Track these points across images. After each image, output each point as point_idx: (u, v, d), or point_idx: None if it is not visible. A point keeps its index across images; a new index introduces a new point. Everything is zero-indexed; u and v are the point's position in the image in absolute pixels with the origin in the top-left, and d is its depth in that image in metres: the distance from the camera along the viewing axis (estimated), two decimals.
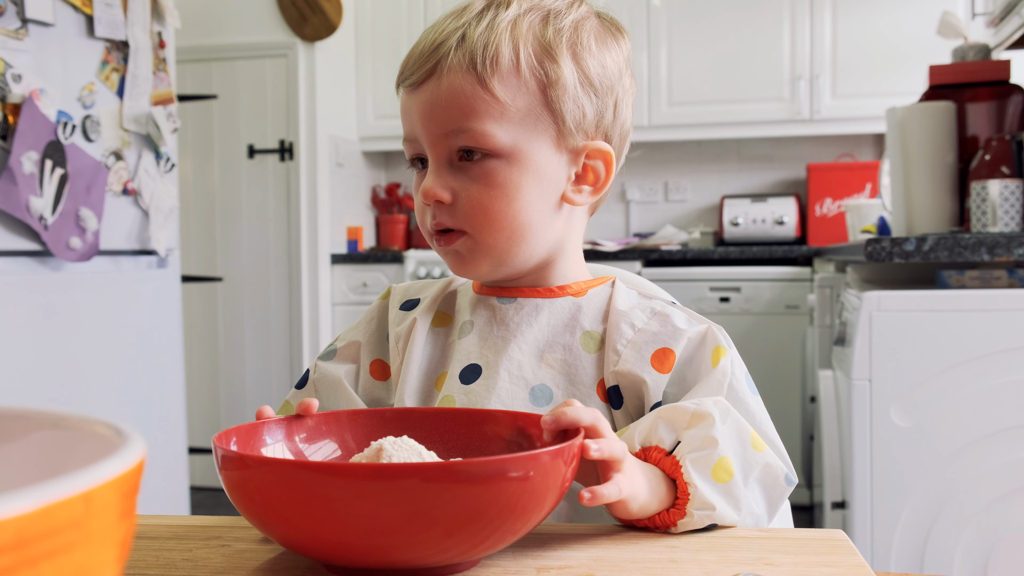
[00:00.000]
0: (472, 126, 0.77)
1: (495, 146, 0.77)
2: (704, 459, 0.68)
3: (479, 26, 0.78)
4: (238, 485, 0.55)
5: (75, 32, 2.34)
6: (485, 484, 0.52)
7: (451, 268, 0.83)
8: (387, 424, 0.70)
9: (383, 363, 0.88)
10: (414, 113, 0.79)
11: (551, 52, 0.79)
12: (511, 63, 0.77)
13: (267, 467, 0.55)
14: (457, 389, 0.81)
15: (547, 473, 0.55)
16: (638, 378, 0.78)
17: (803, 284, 3.51)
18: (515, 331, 0.81)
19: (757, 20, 3.83)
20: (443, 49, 0.77)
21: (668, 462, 0.68)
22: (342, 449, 0.69)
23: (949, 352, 1.67)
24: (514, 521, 0.55)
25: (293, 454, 0.67)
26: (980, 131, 2.27)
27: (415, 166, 0.83)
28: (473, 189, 0.78)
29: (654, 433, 0.70)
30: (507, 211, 0.78)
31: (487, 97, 0.77)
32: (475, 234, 0.79)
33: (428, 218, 0.81)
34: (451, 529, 0.53)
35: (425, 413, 0.71)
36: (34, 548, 0.26)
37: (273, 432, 0.67)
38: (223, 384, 3.88)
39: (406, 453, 0.61)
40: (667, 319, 0.80)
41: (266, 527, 0.56)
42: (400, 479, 0.51)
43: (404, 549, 0.53)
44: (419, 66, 0.78)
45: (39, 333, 2.26)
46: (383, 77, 4.13)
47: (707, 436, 0.68)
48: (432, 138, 0.78)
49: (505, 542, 0.57)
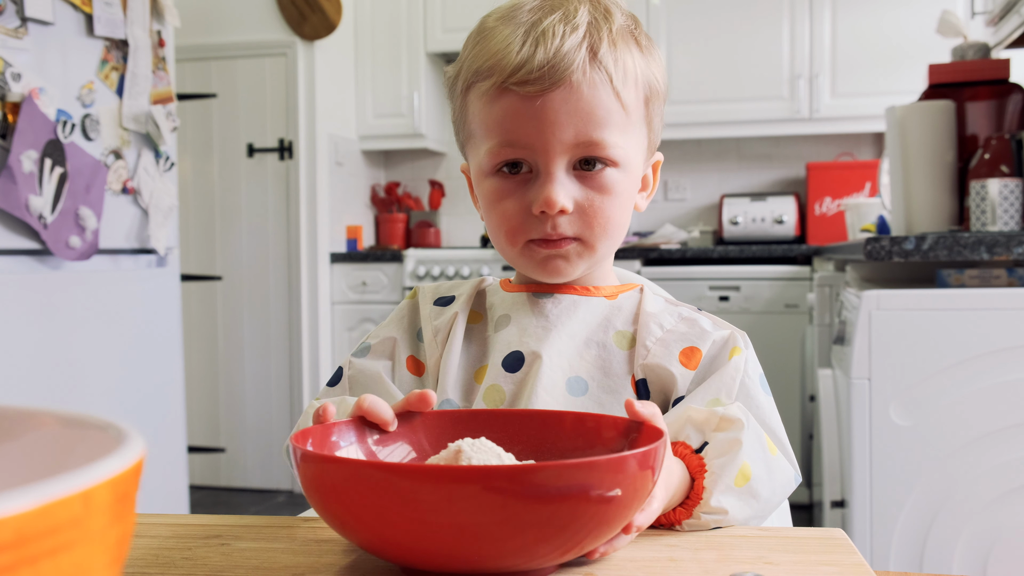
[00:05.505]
0: (604, 137, 0.78)
1: (619, 156, 0.79)
2: (728, 463, 0.69)
3: (601, 34, 0.78)
4: (325, 487, 0.54)
5: (74, 31, 2.34)
6: (577, 490, 0.50)
7: (544, 272, 0.82)
8: (458, 425, 0.68)
9: (416, 359, 0.88)
10: (534, 120, 0.77)
11: (649, 65, 0.82)
12: (634, 78, 0.80)
13: (348, 468, 0.53)
14: (502, 378, 0.81)
15: (635, 476, 0.53)
16: (666, 371, 0.80)
17: (802, 283, 3.51)
18: (555, 322, 0.83)
19: (756, 19, 3.83)
20: (572, 57, 0.76)
21: (694, 461, 0.70)
22: (417, 451, 0.67)
23: (948, 351, 1.67)
24: (601, 525, 0.53)
25: (367, 456, 0.65)
26: (979, 130, 2.27)
27: (494, 172, 0.81)
28: (595, 198, 0.79)
29: (681, 431, 0.72)
30: (620, 219, 0.82)
31: (620, 109, 0.78)
32: (590, 239, 0.81)
33: (533, 227, 0.80)
34: (548, 533, 0.51)
35: (494, 414, 0.70)
36: (33, 547, 0.26)
37: (345, 434, 0.65)
38: (222, 383, 3.88)
39: (485, 455, 0.59)
40: (694, 322, 0.83)
41: (349, 530, 0.55)
42: (501, 480, 0.49)
43: (502, 556, 0.52)
44: (547, 73, 0.76)
45: (38, 332, 2.26)
46: (382, 76, 4.13)
47: (734, 439, 0.69)
48: (559, 147, 0.77)
49: (588, 547, 0.55)
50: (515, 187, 0.80)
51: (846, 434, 1.79)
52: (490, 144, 0.80)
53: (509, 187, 0.80)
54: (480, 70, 0.79)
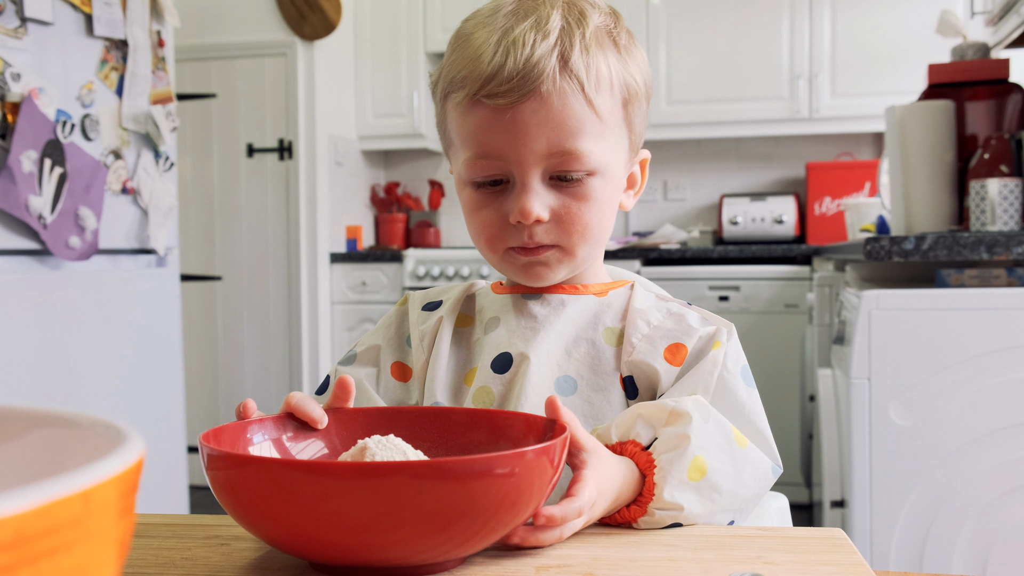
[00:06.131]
0: (578, 147, 0.77)
1: (595, 164, 0.79)
2: (678, 457, 0.69)
3: (573, 40, 0.77)
4: (223, 484, 0.56)
5: (74, 31, 2.34)
6: (471, 482, 0.52)
7: (526, 278, 0.83)
8: (374, 423, 0.70)
9: (403, 365, 0.89)
10: (505, 132, 0.77)
11: (627, 66, 0.81)
12: (608, 83, 0.79)
13: (252, 466, 0.55)
14: (491, 380, 0.82)
15: (532, 471, 0.55)
16: (651, 368, 0.80)
17: (802, 283, 3.51)
18: (543, 323, 0.83)
19: (756, 19, 3.83)
20: (543, 67, 0.75)
21: (643, 457, 0.70)
22: (329, 448, 0.69)
23: (948, 351, 1.67)
24: (500, 519, 0.55)
25: (280, 453, 0.67)
26: (979, 130, 2.27)
27: (472, 186, 0.81)
28: (572, 206, 0.79)
29: (632, 429, 0.72)
30: (600, 224, 0.81)
31: (594, 118, 0.78)
32: (568, 246, 0.81)
33: (511, 235, 0.80)
34: (437, 527, 0.53)
35: (411, 412, 0.72)
36: (33, 547, 0.26)
37: (259, 431, 0.66)
38: (222, 383, 3.88)
39: (391, 452, 0.61)
40: (682, 318, 0.83)
41: (252, 526, 0.56)
42: (384, 477, 0.51)
43: (389, 547, 0.53)
44: (516, 85, 0.75)
45: (38, 332, 2.26)
46: (382, 76, 4.13)
47: (682, 434, 0.69)
48: (532, 158, 0.77)
49: (490, 540, 0.57)
50: (492, 197, 0.81)
51: (846, 434, 1.79)
52: (467, 155, 0.80)
53: (486, 197, 0.81)
54: (455, 79, 0.79)
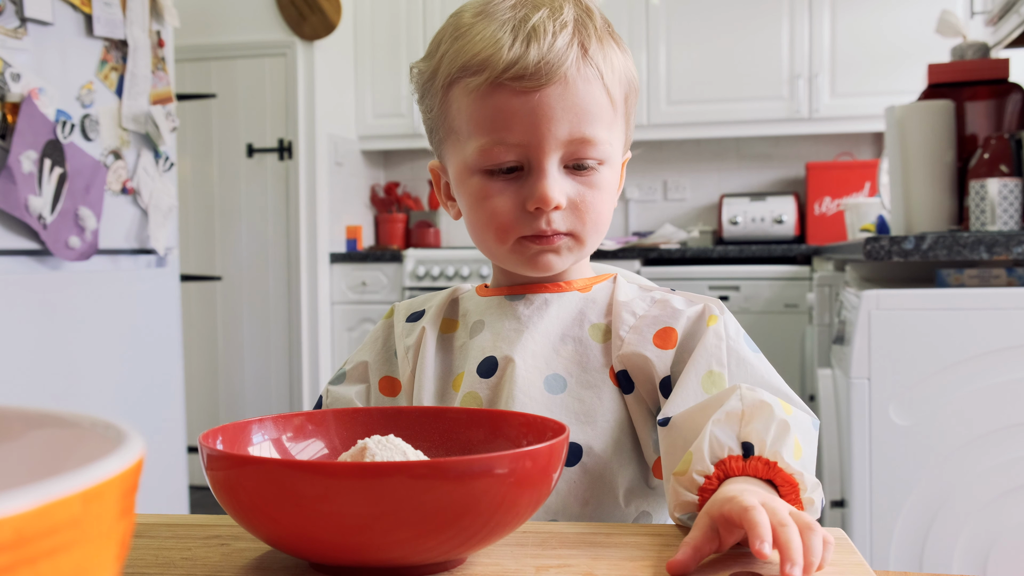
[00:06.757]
0: (595, 133, 0.79)
1: (607, 154, 0.80)
2: (788, 447, 0.66)
3: (588, 31, 0.79)
4: (223, 484, 0.56)
5: (74, 31, 2.34)
6: (471, 482, 0.52)
7: (534, 268, 0.82)
8: (374, 423, 0.70)
9: (391, 379, 0.89)
10: (529, 115, 0.77)
11: (628, 61, 0.83)
12: (618, 74, 0.81)
13: (251, 466, 0.55)
14: (478, 384, 0.82)
15: (532, 471, 0.55)
16: (642, 357, 0.79)
17: (802, 283, 3.51)
18: (527, 323, 0.83)
19: (756, 19, 3.83)
20: (568, 53, 0.77)
21: (759, 466, 0.65)
22: (329, 448, 0.69)
23: (948, 351, 1.67)
24: (500, 519, 0.55)
25: (280, 453, 0.67)
26: (979, 130, 2.27)
27: (481, 169, 0.80)
28: (587, 194, 0.80)
29: (717, 443, 0.66)
30: (608, 213, 0.83)
31: (610, 107, 0.80)
32: (581, 234, 0.81)
33: (525, 223, 0.80)
34: (437, 527, 0.52)
35: (411, 412, 0.72)
36: (33, 547, 0.26)
37: (259, 431, 0.67)
38: (222, 383, 3.88)
39: (391, 452, 0.61)
40: (667, 303, 0.83)
41: (252, 526, 0.56)
42: (384, 477, 0.51)
43: (389, 547, 0.53)
44: (544, 68, 0.76)
45: (38, 332, 2.26)
46: (382, 76, 4.13)
47: (781, 421, 0.66)
48: (554, 143, 0.78)
49: (490, 540, 0.57)
50: (504, 185, 0.80)
51: (846, 434, 1.79)
52: (481, 141, 0.79)
53: (497, 185, 0.80)
54: (467, 66, 0.78)
